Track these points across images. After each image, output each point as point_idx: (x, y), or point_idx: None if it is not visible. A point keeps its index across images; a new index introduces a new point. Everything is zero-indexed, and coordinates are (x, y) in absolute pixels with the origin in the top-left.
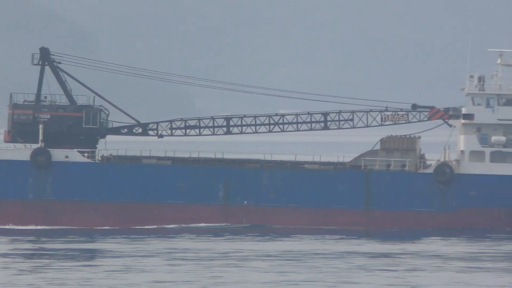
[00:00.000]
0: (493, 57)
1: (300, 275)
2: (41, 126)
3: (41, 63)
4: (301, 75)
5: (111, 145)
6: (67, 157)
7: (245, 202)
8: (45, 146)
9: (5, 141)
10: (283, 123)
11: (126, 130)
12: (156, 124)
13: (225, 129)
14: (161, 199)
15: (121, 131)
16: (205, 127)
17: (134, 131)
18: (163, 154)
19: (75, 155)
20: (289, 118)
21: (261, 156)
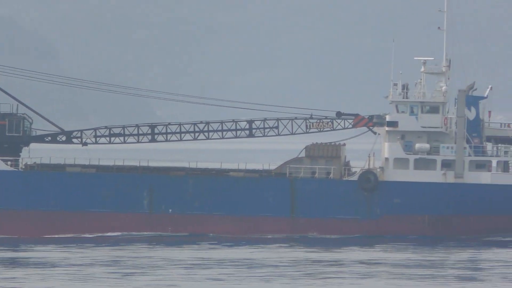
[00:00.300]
0: (417, 65)
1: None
2: None
3: None
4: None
5: (34, 153)
6: None
7: (170, 210)
8: None
9: None
10: (208, 131)
11: (50, 138)
12: (80, 132)
13: (150, 136)
14: (85, 207)
15: (45, 139)
16: (130, 135)
17: (58, 139)
18: (88, 162)
19: None
20: (214, 125)
21: (186, 164)
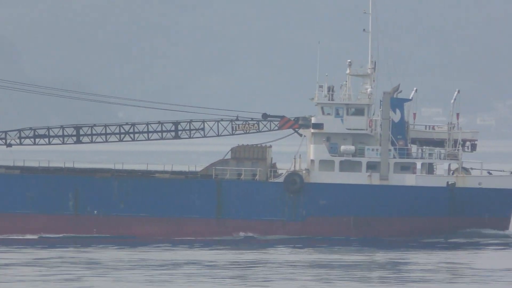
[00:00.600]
0: (342, 68)
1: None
2: None
3: None
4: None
5: None
6: None
7: (95, 211)
8: None
9: None
10: (133, 132)
11: None
12: (4, 133)
13: (75, 138)
14: (10, 209)
15: None
16: (55, 136)
17: None
18: (12, 163)
19: None
20: (140, 127)
21: (112, 165)
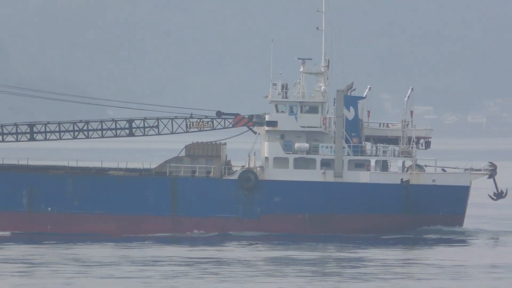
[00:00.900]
0: (296, 65)
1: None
2: None
3: None
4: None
5: None
6: None
7: (49, 209)
8: None
9: None
10: (87, 130)
11: None
12: None
13: (28, 135)
14: None
15: None
16: (8, 134)
17: None
18: None
19: None
20: (94, 125)
21: (66, 162)
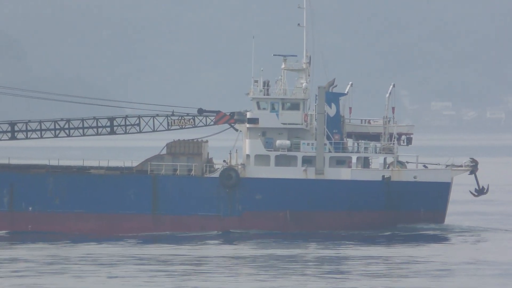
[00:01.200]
0: (278, 62)
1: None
2: None
3: None
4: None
5: None
6: None
7: (30, 208)
8: None
9: None
10: (69, 128)
11: None
12: None
13: (9, 134)
14: None
15: None
16: None
17: None
18: None
19: None
20: (75, 123)
21: (47, 161)
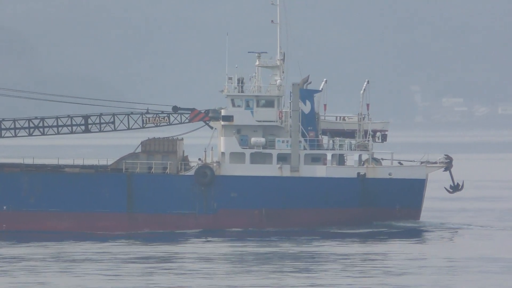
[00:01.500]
0: (252, 59)
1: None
2: None
3: None
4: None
5: None
6: None
7: (4, 207)
8: None
9: None
10: (43, 127)
11: None
12: None
13: None
14: None
15: None
16: None
17: None
18: None
19: None
20: (49, 121)
21: (21, 160)
